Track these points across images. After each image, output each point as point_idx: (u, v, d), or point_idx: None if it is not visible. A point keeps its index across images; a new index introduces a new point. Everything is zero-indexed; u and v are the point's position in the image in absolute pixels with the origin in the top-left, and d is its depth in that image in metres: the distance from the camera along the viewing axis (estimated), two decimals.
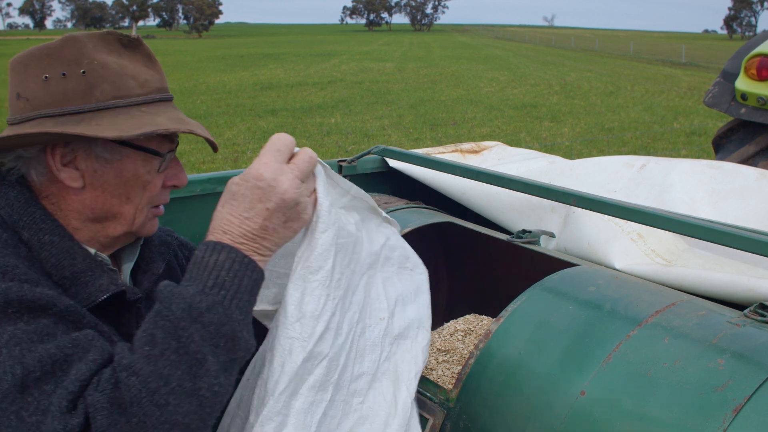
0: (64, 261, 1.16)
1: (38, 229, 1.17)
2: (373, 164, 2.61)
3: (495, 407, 1.42)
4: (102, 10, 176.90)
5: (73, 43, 1.16)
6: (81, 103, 1.15)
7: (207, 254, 1.09)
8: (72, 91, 1.14)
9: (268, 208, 1.12)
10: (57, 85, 1.14)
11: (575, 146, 11.24)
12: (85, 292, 1.16)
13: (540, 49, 50.73)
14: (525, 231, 2.04)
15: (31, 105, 1.16)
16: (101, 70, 1.16)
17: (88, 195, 1.20)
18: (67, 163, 1.17)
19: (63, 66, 1.15)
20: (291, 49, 47.19)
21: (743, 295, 1.63)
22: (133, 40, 1.21)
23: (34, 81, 1.15)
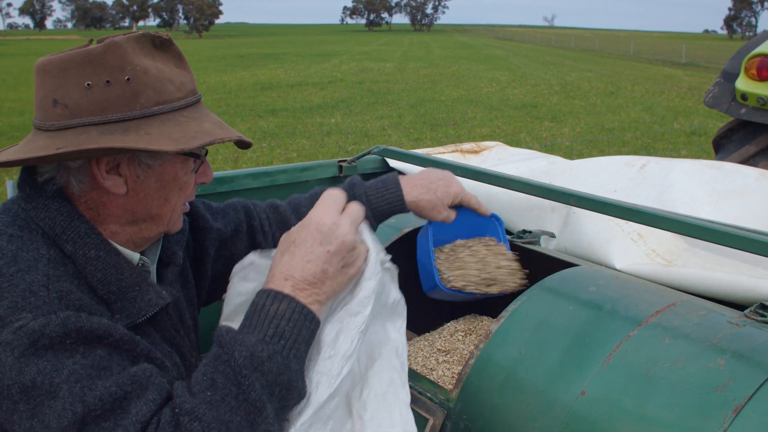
0: (110, 276, 1.17)
1: (83, 244, 1.16)
2: (373, 164, 2.62)
3: (495, 407, 1.42)
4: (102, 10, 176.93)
5: (116, 49, 1.12)
6: (125, 110, 1.13)
7: (268, 303, 1.15)
8: (117, 99, 1.12)
9: (329, 251, 1.19)
10: (101, 93, 1.12)
11: (575, 146, 11.24)
12: (134, 307, 1.18)
13: (540, 49, 50.73)
14: (525, 231, 2.04)
15: (71, 112, 1.12)
16: (144, 76, 1.14)
17: (131, 200, 1.20)
18: (110, 170, 1.17)
19: (107, 73, 1.12)
20: (291, 49, 47.19)
21: (743, 295, 1.63)
22: (165, 40, 1.20)
23: (75, 88, 1.11)
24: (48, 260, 1.11)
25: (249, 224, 1.62)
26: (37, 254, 1.11)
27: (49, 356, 1.01)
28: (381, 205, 1.64)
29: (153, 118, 1.15)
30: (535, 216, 2.28)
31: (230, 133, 1.22)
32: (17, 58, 40.46)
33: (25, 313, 1.02)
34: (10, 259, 1.09)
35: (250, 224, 1.62)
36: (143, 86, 1.13)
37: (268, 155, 10.97)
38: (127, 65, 1.12)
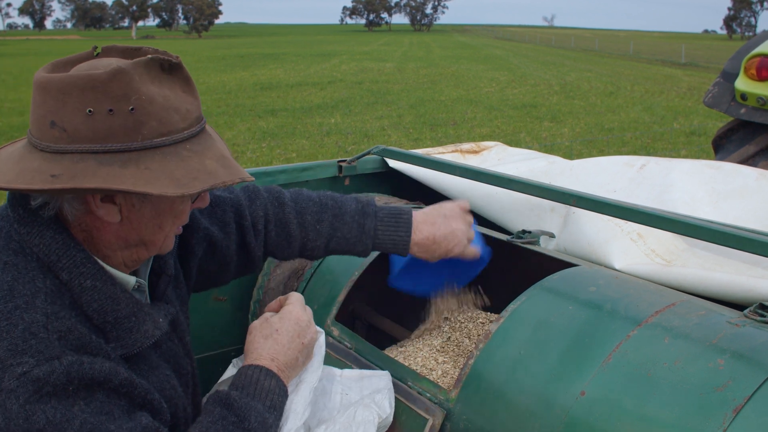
0: (106, 306, 1.15)
1: (79, 273, 1.14)
2: (373, 164, 2.62)
3: (495, 407, 1.42)
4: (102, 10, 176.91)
5: (122, 77, 1.06)
6: (127, 141, 1.07)
7: (262, 377, 1.31)
8: (119, 129, 1.07)
9: (303, 343, 1.40)
10: (102, 122, 1.06)
11: (575, 146, 11.24)
12: (130, 338, 1.18)
13: (540, 49, 50.73)
14: (525, 231, 2.04)
15: (70, 137, 1.07)
16: (149, 106, 1.08)
17: (125, 227, 1.18)
18: (105, 198, 1.13)
19: (110, 102, 1.06)
20: (291, 49, 47.18)
21: (743, 295, 1.63)
22: (174, 64, 1.14)
23: (76, 113, 1.06)
24: (45, 294, 1.09)
25: (238, 223, 1.58)
26: (33, 287, 1.09)
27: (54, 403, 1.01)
28: (385, 242, 1.65)
29: (155, 150, 1.09)
30: (534, 216, 2.28)
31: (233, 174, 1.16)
32: (17, 58, 40.46)
33: (26, 358, 1.01)
34: (6, 292, 1.07)
35: (240, 223, 1.58)
36: (147, 117, 1.08)
37: (268, 155, 10.97)
38: (132, 94, 1.07)
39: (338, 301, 1.91)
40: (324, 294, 1.97)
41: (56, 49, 53.79)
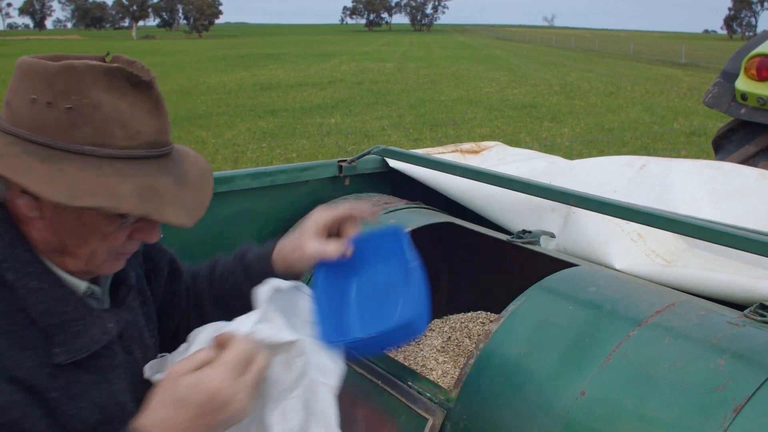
0: (53, 309, 1.10)
1: (25, 273, 1.09)
2: (373, 164, 2.61)
3: (495, 407, 1.42)
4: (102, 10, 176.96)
5: (69, 73, 1.03)
6: (55, 137, 1.04)
7: None
8: (51, 123, 1.03)
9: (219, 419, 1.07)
10: (40, 112, 1.04)
11: (575, 146, 11.24)
12: (77, 342, 1.11)
13: (540, 50, 50.73)
14: (525, 231, 2.04)
15: (14, 120, 1.06)
16: (90, 111, 1.04)
17: (47, 227, 1.11)
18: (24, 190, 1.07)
19: (52, 94, 1.03)
20: (291, 50, 47.17)
21: (743, 295, 1.63)
22: (144, 82, 1.08)
23: (23, 97, 1.05)
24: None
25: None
26: None
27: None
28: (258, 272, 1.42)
29: (80, 157, 1.04)
30: (535, 216, 2.28)
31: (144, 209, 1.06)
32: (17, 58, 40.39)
33: None
34: None
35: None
36: (83, 121, 1.03)
37: (268, 155, 10.97)
38: (74, 93, 1.03)
39: None
40: None
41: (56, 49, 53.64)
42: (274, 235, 2.36)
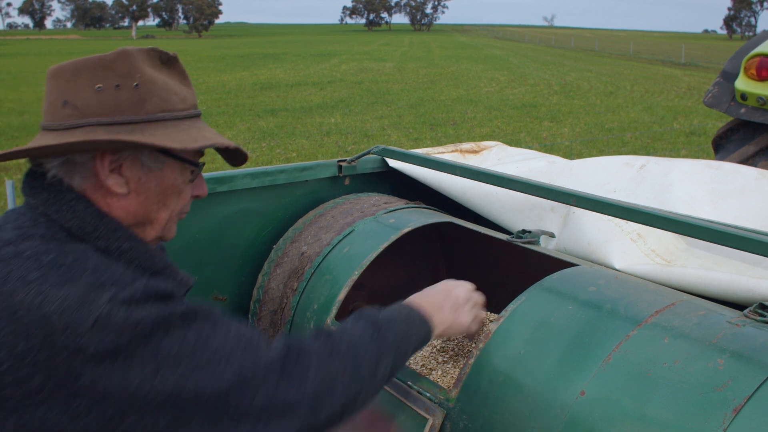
0: (146, 262, 1.22)
1: (116, 238, 1.20)
2: (373, 164, 2.61)
3: (495, 407, 1.42)
4: (102, 10, 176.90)
5: (126, 57, 1.20)
6: (132, 114, 1.19)
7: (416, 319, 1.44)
8: (125, 102, 1.18)
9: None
10: (110, 96, 1.18)
11: (575, 146, 11.24)
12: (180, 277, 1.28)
13: (540, 49, 50.72)
14: (525, 231, 2.04)
15: (81, 113, 1.18)
16: (151, 85, 1.20)
17: (132, 201, 1.23)
18: (113, 170, 1.20)
19: (117, 78, 1.18)
20: (291, 49, 47.17)
21: (743, 295, 1.63)
22: (172, 57, 1.28)
23: (86, 90, 1.18)
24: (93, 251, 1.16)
25: None
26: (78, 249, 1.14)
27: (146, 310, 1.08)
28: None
29: (157, 123, 1.20)
30: (534, 216, 2.28)
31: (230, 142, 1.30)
32: (17, 58, 40.44)
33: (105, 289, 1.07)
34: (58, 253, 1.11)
35: None
36: (150, 94, 1.20)
37: (268, 155, 10.97)
38: (136, 72, 1.19)
39: (338, 301, 1.91)
40: (324, 293, 1.97)
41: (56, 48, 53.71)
42: (274, 235, 2.36)
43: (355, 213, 2.23)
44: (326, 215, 2.30)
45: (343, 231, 2.13)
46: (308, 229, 2.26)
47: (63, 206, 1.18)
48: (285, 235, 2.30)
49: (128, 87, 1.18)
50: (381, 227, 2.09)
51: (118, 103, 1.18)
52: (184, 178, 1.29)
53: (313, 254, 2.11)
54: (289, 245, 2.24)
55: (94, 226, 1.18)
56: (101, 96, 1.18)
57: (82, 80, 1.18)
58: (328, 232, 2.17)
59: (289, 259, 2.19)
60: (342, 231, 2.14)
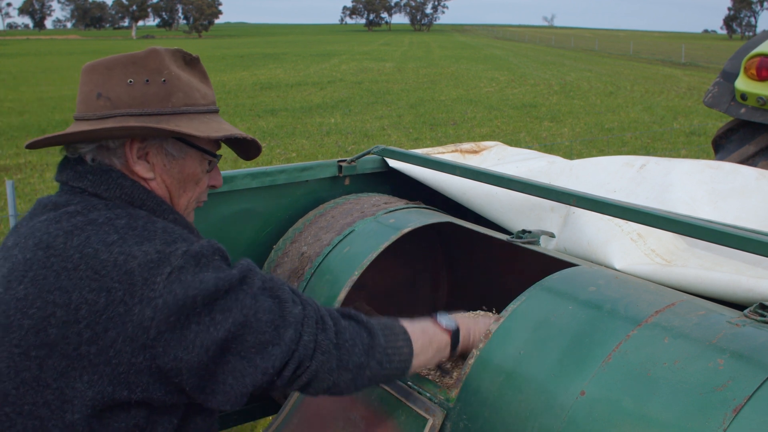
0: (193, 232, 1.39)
1: (163, 210, 1.34)
2: (373, 164, 2.61)
3: (495, 407, 1.42)
4: (102, 10, 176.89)
5: (155, 55, 1.33)
6: (160, 106, 1.31)
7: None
8: (153, 95, 1.31)
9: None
10: (140, 89, 1.31)
11: (575, 146, 11.24)
12: None
13: (540, 49, 50.72)
14: (525, 231, 2.04)
15: (113, 104, 1.30)
16: (176, 81, 1.33)
17: (158, 185, 1.36)
18: (140, 156, 1.33)
19: (147, 73, 1.31)
20: (291, 49, 47.18)
21: (743, 295, 1.63)
22: (194, 58, 1.42)
23: (119, 84, 1.30)
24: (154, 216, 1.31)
25: None
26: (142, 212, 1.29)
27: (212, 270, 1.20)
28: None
29: (182, 115, 1.33)
30: (534, 216, 2.27)
31: (246, 134, 1.41)
32: (17, 58, 40.44)
33: (179, 244, 1.21)
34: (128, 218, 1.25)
35: None
36: (176, 89, 1.33)
37: (268, 155, 10.97)
38: (164, 69, 1.32)
39: (338, 301, 1.91)
40: (324, 293, 1.97)
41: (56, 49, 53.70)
42: (274, 235, 2.36)
43: (355, 213, 2.23)
44: (326, 215, 2.30)
45: (343, 231, 2.13)
46: (308, 230, 2.26)
47: (111, 184, 1.30)
48: (285, 236, 2.30)
49: (157, 82, 1.31)
50: (381, 227, 2.09)
51: (147, 96, 1.30)
52: (203, 168, 1.41)
53: (313, 254, 2.11)
54: (289, 245, 2.24)
55: (143, 199, 1.32)
56: (132, 89, 1.30)
57: (115, 75, 1.30)
58: (328, 233, 2.17)
59: (289, 259, 2.19)
60: (342, 231, 2.14)
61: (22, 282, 1.18)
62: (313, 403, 1.76)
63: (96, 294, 1.13)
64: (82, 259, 1.16)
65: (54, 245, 1.19)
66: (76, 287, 1.14)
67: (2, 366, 1.16)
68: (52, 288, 1.15)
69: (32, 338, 1.14)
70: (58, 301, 1.14)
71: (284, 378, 1.25)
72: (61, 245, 1.19)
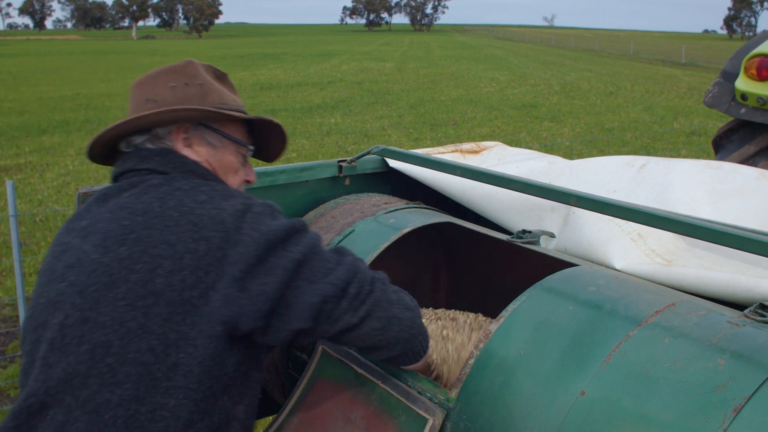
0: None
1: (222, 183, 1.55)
2: (373, 164, 2.61)
3: (495, 407, 1.42)
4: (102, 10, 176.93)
5: (192, 64, 1.58)
6: (198, 104, 1.52)
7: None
8: (192, 96, 1.53)
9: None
10: (181, 91, 1.53)
11: (575, 146, 11.24)
12: None
13: (540, 49, 50.73)
14: (525, 231, 2.04)
15: (159, 105, 1.51)
16: (211, 85, 1.57)
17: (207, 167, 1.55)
18: (186, 145, 1.53)
19: (186, 78, 1.54)
20: (291, 49, 47.19)
21: (743, 295, 1.63)
22: (224, 74, 1.65)
23: (163, 88, 1.53)
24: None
25: None
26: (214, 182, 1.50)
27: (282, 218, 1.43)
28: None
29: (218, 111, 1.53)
30: (534, 216, 2.27)
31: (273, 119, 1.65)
32: (17, 58, 40.45)
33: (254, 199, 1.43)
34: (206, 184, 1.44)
35: None
36: (211, 91, 1.56)
37: None
38: (200, 75, 1.56)
39: None
40: None
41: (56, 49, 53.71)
42: None
43: (356, 213, 2.23)
44: (326, 215, 2.30)
45: (343, 231, 2.13)
46: None
47: (177, 162, 1.49)
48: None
49: (194, 85, 1.54)
50: (381, 227, 2.09)
51: (188, 96, 1.52)
52: (238, 159, 1.61)
53: None
54: None
55: (205, 174, 1.51)
56: (174, 91, 1.52)
57: (159, 82, 1.53)
58: (328, 233, 2.17)
59: None
60: (342, 231, 2.14)
61: (123, 244, 1.34)
62: (314, 403, 1.76)
63: (197, 243, 1.32)
64: (180, 216, 1.35)
65: (151, 210, 1.37)
66: (179, 240, 1.32)
67: (106, 319, 1.29)
68: (158, 243, 1.32)
69: (139, 290, 1.29)
70: (164, 254, 1.31)
71: (350, 295, 1.40)
72: (158, 208, 1.37)
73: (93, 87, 22.23)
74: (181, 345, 1.29)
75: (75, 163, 10.79)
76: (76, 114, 16.16)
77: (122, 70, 29.56)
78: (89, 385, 1.27)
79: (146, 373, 1.28)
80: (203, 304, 1.30)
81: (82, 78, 26.04)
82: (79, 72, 29.37)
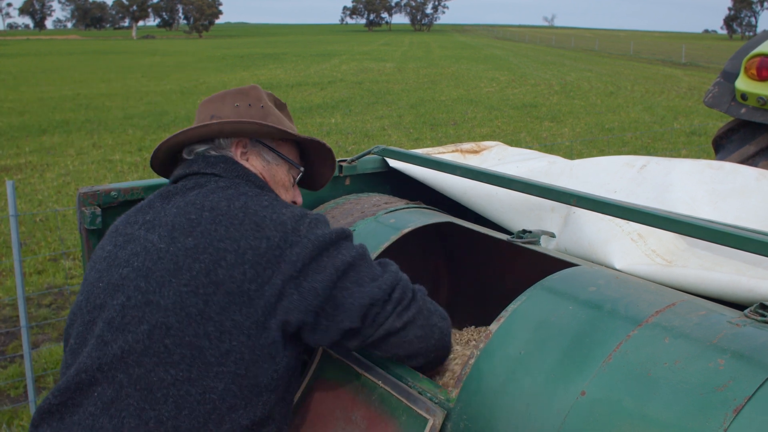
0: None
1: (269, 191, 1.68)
2: (373, 164, 2.61)
3: (495, 407, 1.42)
4: (102, 10, 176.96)
5: (257, 89, 1.73)
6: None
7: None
8: (254, 115, 1.67)
9: None
10: (244, 110, 1.67)
11: (575, 146, 11.24)
12: None
13: (540, 49, 50.73)
14: (525, 231, 2.04)
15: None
16: (271, 109, 1.71)
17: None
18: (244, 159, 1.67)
19: (250, 100, 1.69)
20: (291, 49, 47.20)
21: (743, 295, 1.63)
22: (283, 103, 1.79)
23: (228, 107, 1.67)
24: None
25: None
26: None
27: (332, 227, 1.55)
28: None
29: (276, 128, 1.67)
30: (535, 216, 2.27)
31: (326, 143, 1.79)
32: (17, 58, 40.46)
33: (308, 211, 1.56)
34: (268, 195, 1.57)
35: None
36: (270, 113, 1.70)
37: None
38: (263, 99, 1.72)
39: None
40: None
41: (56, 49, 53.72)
42: None
43: (356, 213, 2.24)
44: (327, 215, 2.30)
45: None
46: None
47: (240, 171, 1.62)
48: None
49: (257, 106, 1.69)
50: (381, 227, 2.09)
51: (250, 115, 1.67)
52: (290, 178, 1.75)
53: None
54: None
55: (263, 186, 1.64)
56: (238, 110, 1.67)
57: (226, 102, 1.68)
58: None
59: None
60: None
61: (190, 235, 1.44)
62: (314, 403, 1.76)
63: (258, 241, 1.43)
64: (246, 216, 1.46)
65: (218, 207, 1.48)
66: (242, 237, 1.43)
67: (168, 303, 1.38)
68: (223, 237, 1.42)
69: (202, 278, 1.39)
70: (228, 248, 1.41)
71: (394, 300, 1.49)
72: (225, 207, 1.48)
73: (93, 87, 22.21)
74: (235, 333, 1.38)
75: (75, 163, 10.79)
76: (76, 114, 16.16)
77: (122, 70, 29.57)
78: (144, 364, 1.36)
79: (200, 356, 1.36)
80: (258, 296, 1.40)
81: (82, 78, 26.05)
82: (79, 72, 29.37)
